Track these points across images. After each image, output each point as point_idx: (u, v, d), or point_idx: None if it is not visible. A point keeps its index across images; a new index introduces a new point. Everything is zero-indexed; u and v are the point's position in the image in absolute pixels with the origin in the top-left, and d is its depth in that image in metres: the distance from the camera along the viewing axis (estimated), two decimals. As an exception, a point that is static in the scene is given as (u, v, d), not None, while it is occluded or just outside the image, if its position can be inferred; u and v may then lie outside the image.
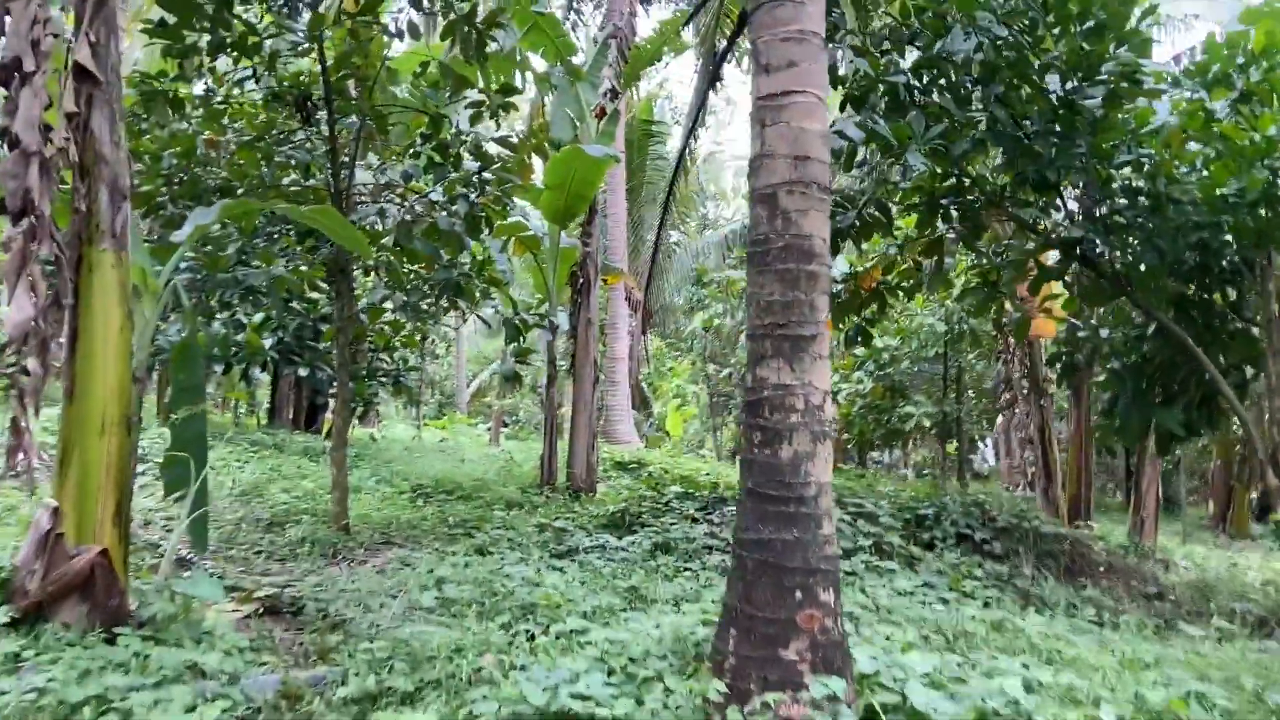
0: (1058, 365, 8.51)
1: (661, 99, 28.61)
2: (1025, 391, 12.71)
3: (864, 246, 9.79)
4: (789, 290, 3.67)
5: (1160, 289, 7.54)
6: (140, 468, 8.88)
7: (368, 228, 8.42)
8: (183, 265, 8.00)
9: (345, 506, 8.54)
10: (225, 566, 7.09)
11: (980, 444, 23.19)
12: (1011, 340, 12.61)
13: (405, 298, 7.68)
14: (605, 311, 17.18)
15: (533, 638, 4.76)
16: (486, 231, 8.05)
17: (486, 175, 8.16)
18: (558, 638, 4.53)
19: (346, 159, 8.40)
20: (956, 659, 4.32)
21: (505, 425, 27.83)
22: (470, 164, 8.46)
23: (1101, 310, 9.00)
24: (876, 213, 8.56)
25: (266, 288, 8.80)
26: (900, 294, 9.24)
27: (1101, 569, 7.85)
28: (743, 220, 24.19)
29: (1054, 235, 7.73)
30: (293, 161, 8.35)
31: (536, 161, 12.36)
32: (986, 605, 6.46)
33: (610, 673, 3.61)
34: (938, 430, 17.22)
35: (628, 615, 5.38)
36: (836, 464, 21.65)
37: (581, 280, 12.91)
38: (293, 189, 8.54)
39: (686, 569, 6.92)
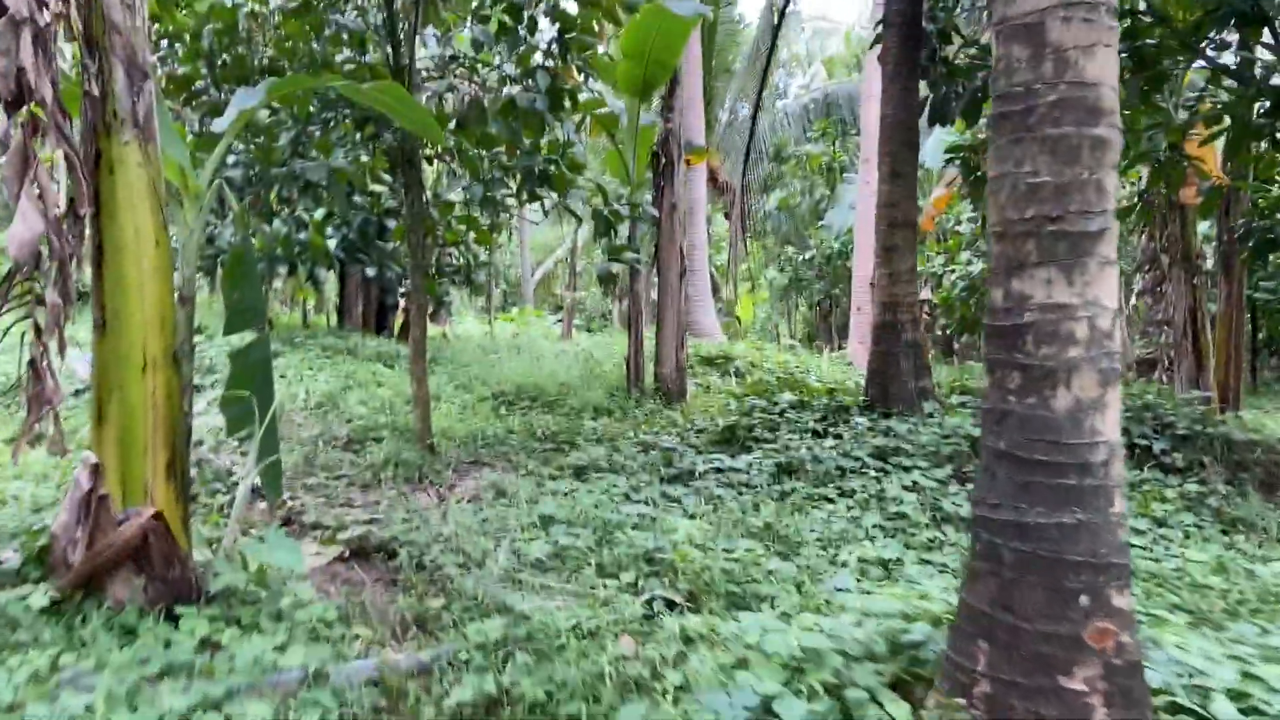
0: (1249, 241, 7.17)
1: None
2: (1169, 268, 11.29)
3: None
4: (1065, 166, 2.54)
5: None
6: (200, 404, 8.16)
7: (434, 109, 7.34)
8: (230, 160, 7.04)
9: (429, 423, 7.75)
10: (304, 498, 6.39)
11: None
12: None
13: (483, 189, 6.64)
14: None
15: (674, 609, 3.91)
16: (569, 107, 6.91)
17: (567, 40, 6.96)
18: (710, 616, 3.64)
19: (405, 29, 7.26)
20: (1229, 642, 3.34)
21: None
22: (546, 27, 7.27)
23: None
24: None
25: (326, 181, 7.82)
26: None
27: (1300, 480, 6.73)
28: (822, 89, 22.35)
29: (1262, 82, 6.30)
30: (345, 35, 7.23)
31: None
32: (1187, 536, 5.43)
33: (809, 694, 2.69)
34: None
35: (773, 567, 4.49)
36: (934, 356, 20.44)
37: (664, 161, 11.67)
38: (347, 67, 7.45)
39: (822, 497, 5.99)
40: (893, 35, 7.73)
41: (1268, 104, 6.39)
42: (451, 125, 7.43)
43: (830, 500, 5.90)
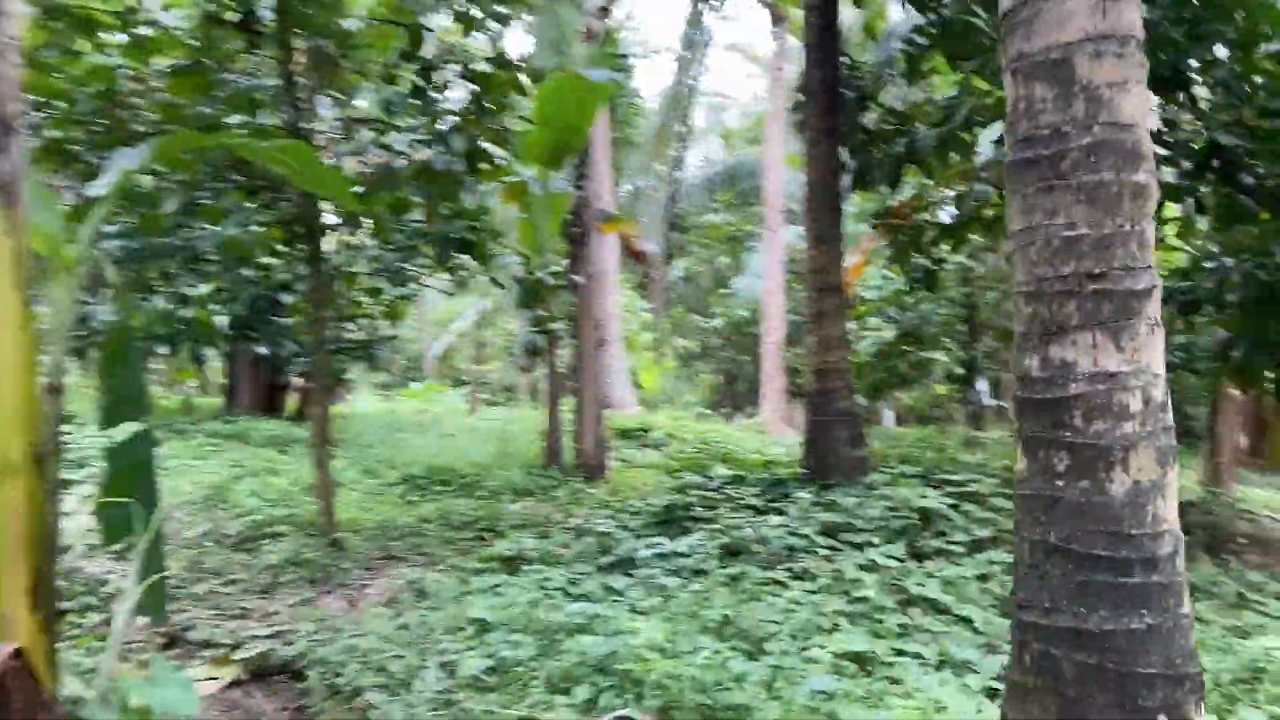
0: (1166, 304, 7.23)
1: (625, 30, 26.70)
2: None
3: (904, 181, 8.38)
4: (1106, 216, 2.24)
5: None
6: (70, 502, 7.26)
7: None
8: (108, 229, 6.34)
9: (333, 516, 7.05)
10: (191, 610, 5.60)
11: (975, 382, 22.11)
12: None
13: (397, 258, 6.12)
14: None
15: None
16: (488, 170, 6.50)
17: (483, 102, 6.59)
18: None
19: (305, 89, 6.78)
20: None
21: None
22: (452, 89, 6.91)
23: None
24: (954, 133, 7.15)
25: (215, 252, 7.15)
26: (977, 227, 7.86)
27: (1243, 540, 6.68)
28: (724, 161, 22.65)
29: (1185, 146, 6.37)
30: (238, 91, 6.68)
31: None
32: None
33: None
34: (954, 375, 16.09)
35: (740, 669, 4.02)
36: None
37: (578, 229, 11.36)
38: (240, 131, 6.88)
39: (774, 581, 5.56)
40: (813, 103, 7.64)
41: (1190, 166, 6.47)
42: (358, 190, 6.92)
43: (784, 585, 5.47)
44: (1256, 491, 11.99)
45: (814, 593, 5.29)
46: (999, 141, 7.28)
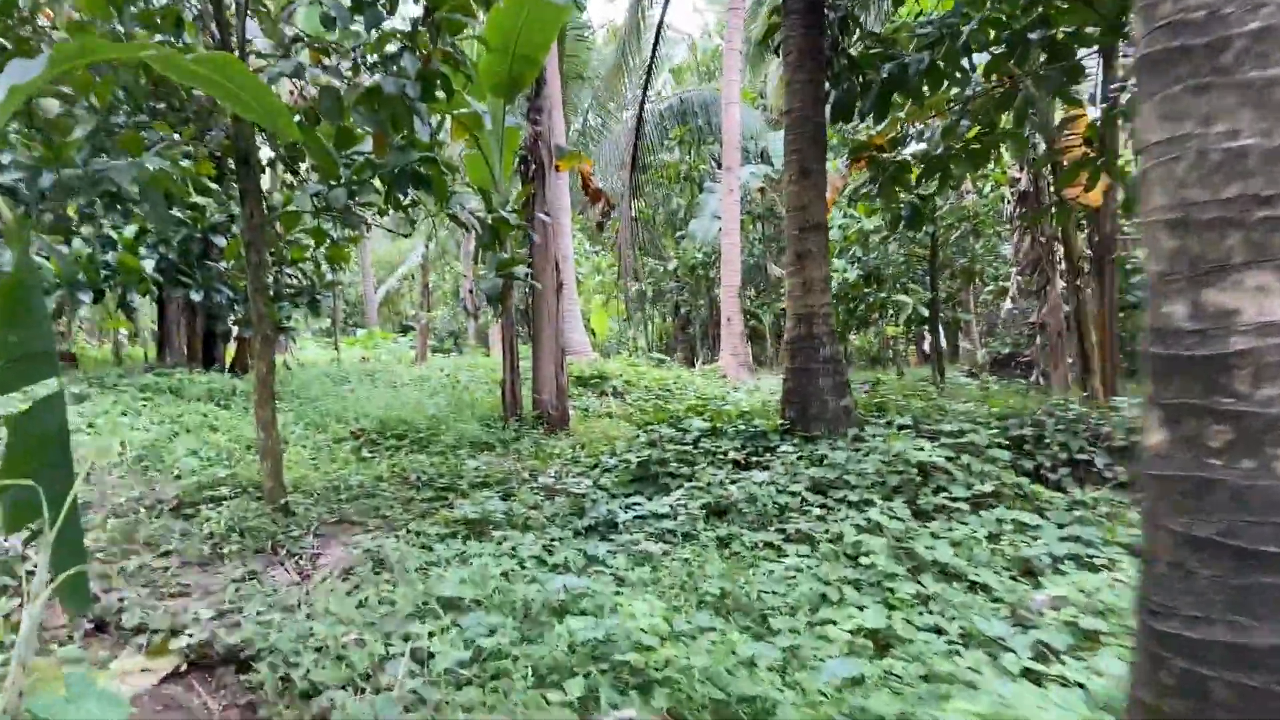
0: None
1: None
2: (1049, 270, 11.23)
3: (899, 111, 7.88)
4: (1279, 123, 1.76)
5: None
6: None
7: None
8: (6, 161, 5.55)
9: (281, 478, 6.45)
10: (122, 589, 5.00)
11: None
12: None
13: (345, 194, 5.44)
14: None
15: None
16: (445, 97, 5.81)
17: (436, 18, 5.88)
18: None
19: (233, 3, 6.01)
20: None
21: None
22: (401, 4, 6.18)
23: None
24: (940, 62, 6.64)
25: (138, 188, 6.37)
26: (964, 161, 7.39)
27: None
28: (678, 96, 21.88)
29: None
30: (157, 8, 5.89)
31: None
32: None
33: None
34: (916, 318, 15.83)
35: (749, 652, 3.59)
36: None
37: (534, 166, 10.69)
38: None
39: (768, 545, 5.15)
40: (794, 23, 7.05)
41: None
42: (298, 119, 6.19)
43: (779, 549, 5.06)
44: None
45: (813, 558, 4.88)
46: (996, 64, 6.80)
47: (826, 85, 7.34)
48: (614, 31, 26.96)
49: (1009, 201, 12.52)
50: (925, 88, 6.76)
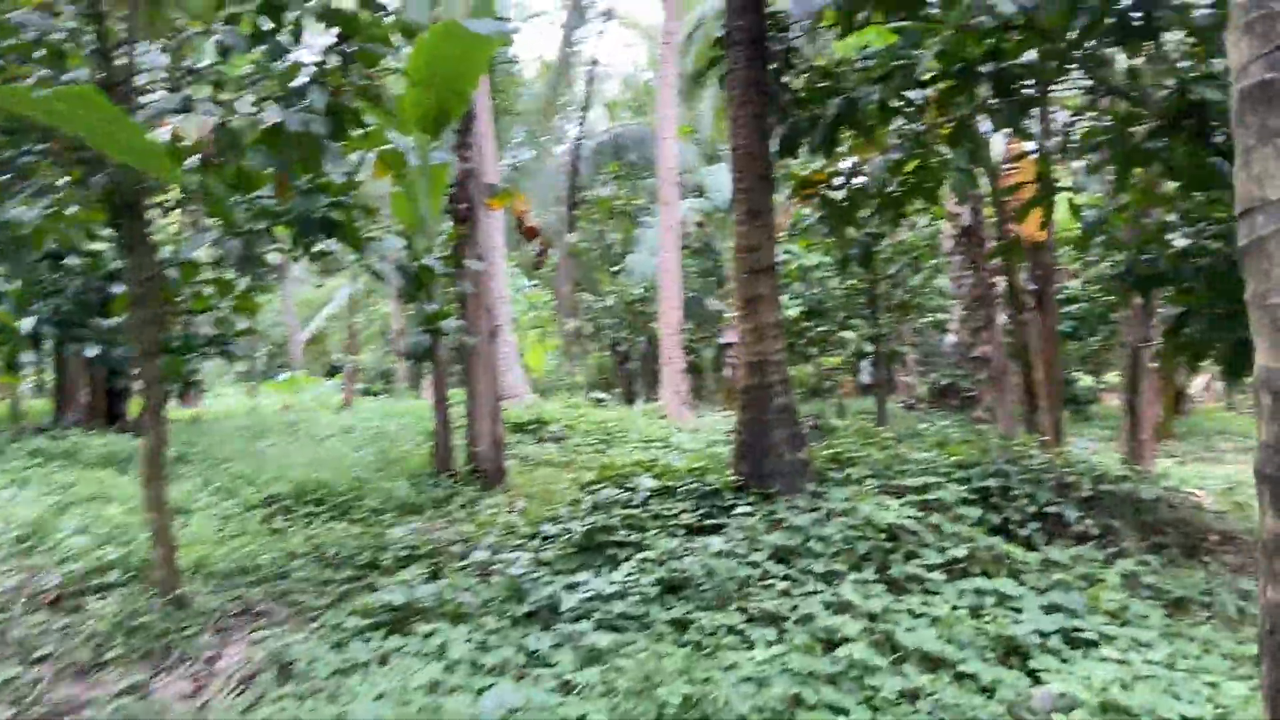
0: (1129, 277, 6.60)
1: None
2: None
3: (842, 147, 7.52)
4: None
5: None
6: None
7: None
8: None
9: (174, 566, 5.70)
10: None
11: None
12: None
13: (242, 244, 4.79)
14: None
15: None
16: (359, 135, 5.24)
17: (348, 49, 5.31)
18: None
19: (119, 34, 5.35)
20: None
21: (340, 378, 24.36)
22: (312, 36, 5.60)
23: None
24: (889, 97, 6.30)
25: (13, 239, 5.64)
26: (919, 198, 7.04)
27: (1214, 537, 6.13)
28: (611, 132, 21.54)
29: (1154, 101, 5.69)
30: (33, 37, 5.20)
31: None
32: (1170, 641, 4.49)
33: None
34: (859, 352, 15.60)
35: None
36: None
37: (465, 205, 10.10)
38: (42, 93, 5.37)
39: (730, 630, 4.60)
40: (738, 55, 6.65)
41: (1155, 125, 5.79)
42: (194, 160, 5.53)
43: (743, 635, 4.52)
44: (1164, 463, 11.85)
45: (783, 645, 4.35)
46: (948, 97, 6.47)
47: (771, 120, 6.94)
48: (545, 66, 26.61)
49: (948, 236, 12.33)
50: (873, 122, 6.41)
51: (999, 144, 10.53)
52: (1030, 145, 6.50)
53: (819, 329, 15.22)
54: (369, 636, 4.87)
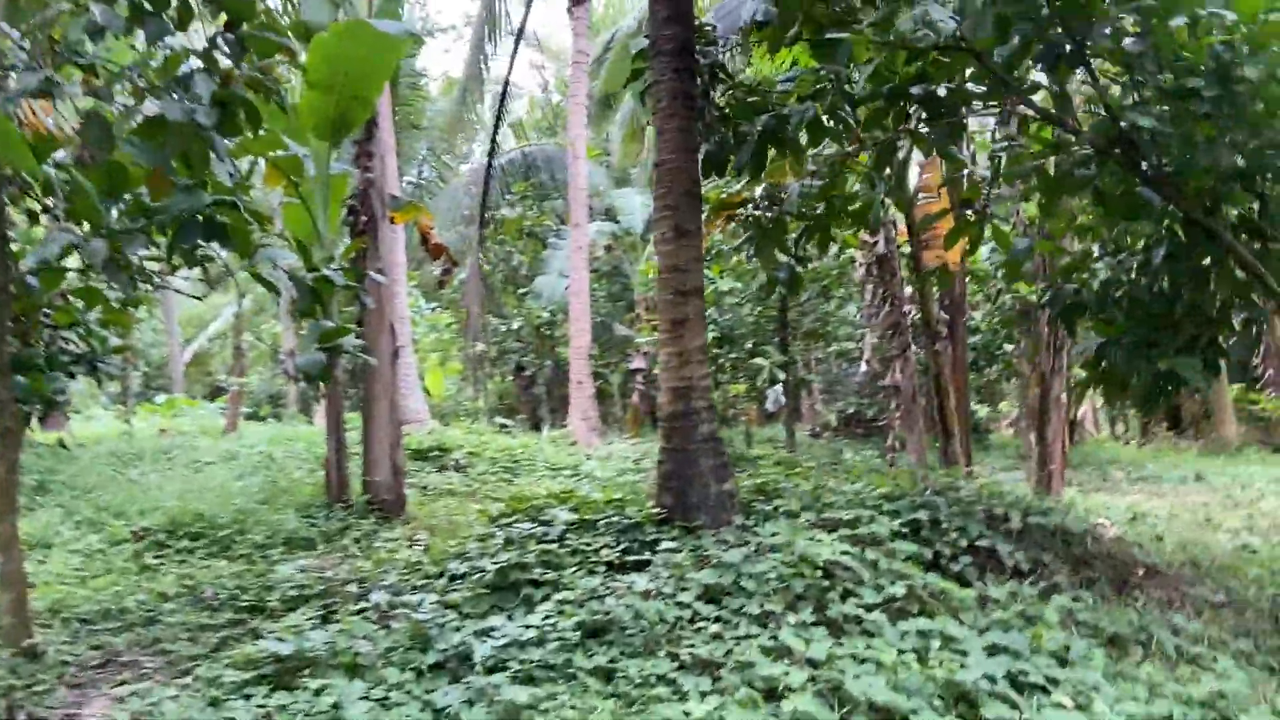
0: (1055, 305, 6.53)
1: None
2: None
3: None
4: None
5: (1210, 198, 5.69)
6: None
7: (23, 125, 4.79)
8: None
9: (25, 610, 4.98)
10: None
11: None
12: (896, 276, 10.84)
13: (108, 247, 4.15)
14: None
15: None
16: (249, 130, 4.69)
17: (241, 35, 4.77)
18: None
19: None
20: None
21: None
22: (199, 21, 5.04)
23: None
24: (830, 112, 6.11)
25: None
26: (846, 220, 6.85)
27: (1140, 570, 6.06)
28: (520, 151, 21.12)
29: (1085, 130, 5.64)
30: None
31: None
32: (1114, 682, 4.31)
33: None
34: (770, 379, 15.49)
35: None
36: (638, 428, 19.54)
37: (365, 218, 9.52)
38: None
39: (661, 679, 4.20)
40: (664, 66, 6.35)
41: (1085, 153, 5.74)
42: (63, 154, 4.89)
43: (676, 685, 4.13)
44: (1068, 493, 12.03)
45: (718, 694, 3.98)
46: (878, 118, 6.32)
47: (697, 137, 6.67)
48: (451, 83, 26.00)
49: (859, 264, 12.34)
50: (810, 141, 6.20)
51: (913, 173, 10.59)
52: (953, 172, 6.40)
53: (730, 355, 15.05)
54: (250, 692, 4.28)
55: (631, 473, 13.51)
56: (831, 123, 6.15)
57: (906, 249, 11.11)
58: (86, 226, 4.88)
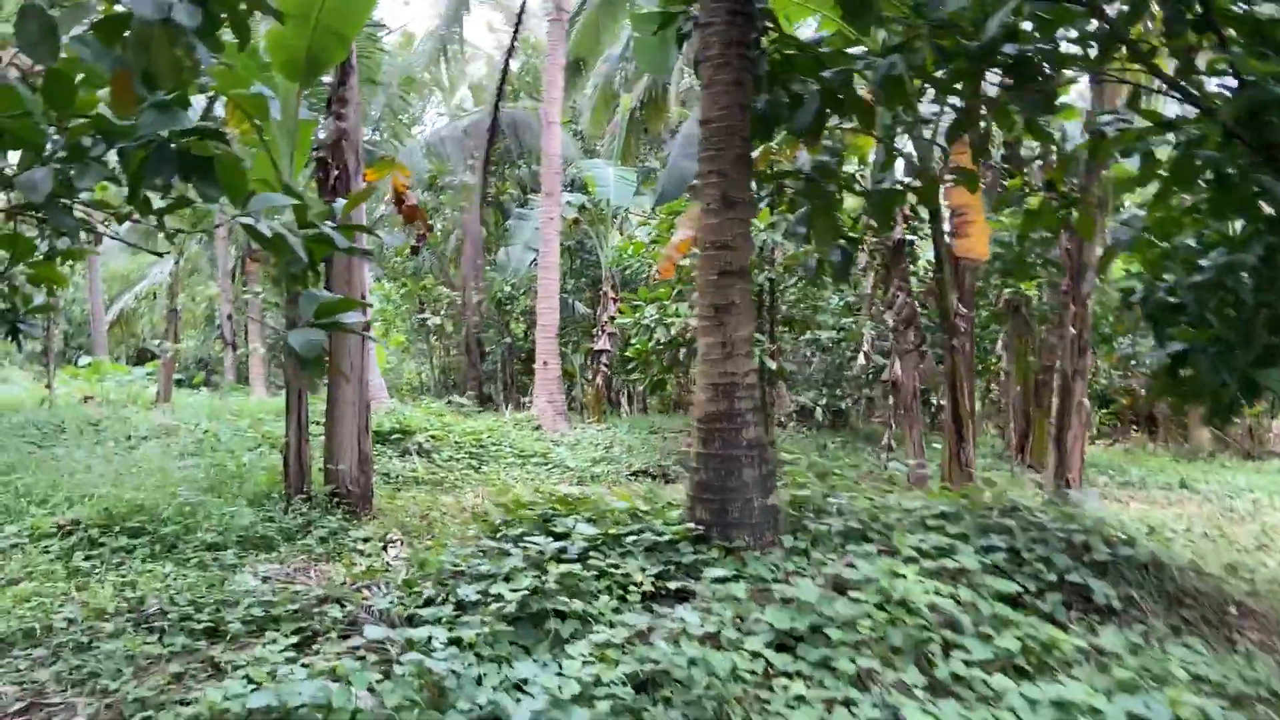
0: (1146, 306, 5.82)
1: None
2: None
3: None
4: None
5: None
6: None
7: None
8: None
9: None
10: None
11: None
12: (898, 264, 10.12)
13: (53, 178, 3.12)
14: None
15: None
16: (237, 34, 3.66)
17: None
18: None
19: None
20: None
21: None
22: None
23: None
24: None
25: None
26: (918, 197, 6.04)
27: (1231, 609, 5.42)
28: (486, 113, 19.87)
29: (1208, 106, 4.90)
30: None
31: None
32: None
33: None
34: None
35: None
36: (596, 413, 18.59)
37: (336, 172, 8.43)
38: None
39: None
40: (716, 9, 5.43)
41: (1214, 130, 5.00)
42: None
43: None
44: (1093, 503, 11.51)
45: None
46: (958, 81, 5.50)
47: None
48: (408, 38, 24.55)
49: (862, 250, 11.60)
50: (887, 104, 5.36)
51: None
52: (1044, 149, 5.61)
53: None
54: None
55: (605, 462, 12.66)
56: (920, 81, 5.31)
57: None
58: (13, 157, 3.82)
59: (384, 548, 6.95)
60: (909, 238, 10.10)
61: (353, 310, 3.94)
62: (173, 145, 3.19)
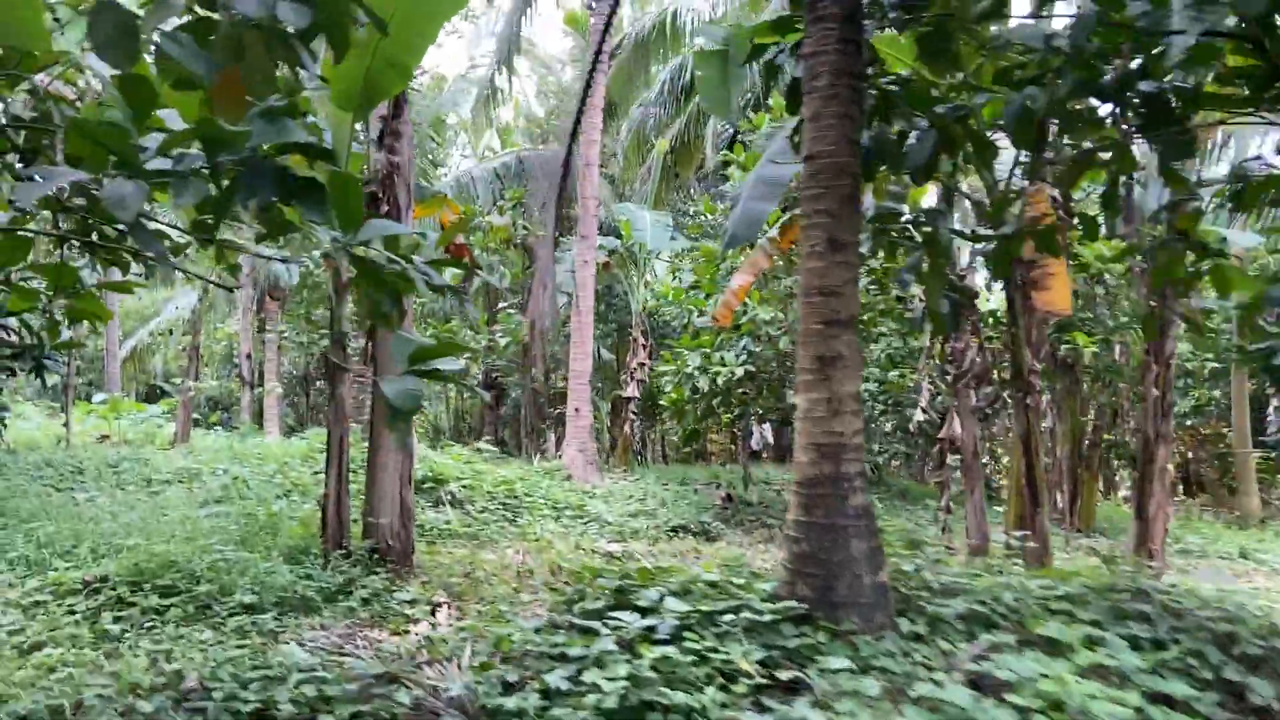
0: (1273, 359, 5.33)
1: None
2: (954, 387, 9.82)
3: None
4: None
5: None
6: None
7: None
8: None
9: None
10: None
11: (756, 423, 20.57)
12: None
13: (142, 195, 2.68)
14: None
15: None
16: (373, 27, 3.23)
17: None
18: None
19: None
20: None
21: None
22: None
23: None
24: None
25: None
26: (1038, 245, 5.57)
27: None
28: (515, 155, 19.63)
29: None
30: None
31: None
32: None
33: None
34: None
35: None
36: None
37: (387, 207, 8.03)
38: None
39: None
40: (825, 36, 5.03)
41: None
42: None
43: None
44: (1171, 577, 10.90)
45: None
46: (1085, 122, 5.07)
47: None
48: (438, 79, 24.44)
49: (919, 300, 11.12)
50: (1019, 140, 4.93)
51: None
52: (1179, 195, 5.16)
53: (754, 390, 13.73)
54: None
55: (642, 515, 12.09)
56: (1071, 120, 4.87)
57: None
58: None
59: (432, 611, 6.40)
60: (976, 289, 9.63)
61: (454, 355, 3.46)
62: (267, 166, 2.73)
